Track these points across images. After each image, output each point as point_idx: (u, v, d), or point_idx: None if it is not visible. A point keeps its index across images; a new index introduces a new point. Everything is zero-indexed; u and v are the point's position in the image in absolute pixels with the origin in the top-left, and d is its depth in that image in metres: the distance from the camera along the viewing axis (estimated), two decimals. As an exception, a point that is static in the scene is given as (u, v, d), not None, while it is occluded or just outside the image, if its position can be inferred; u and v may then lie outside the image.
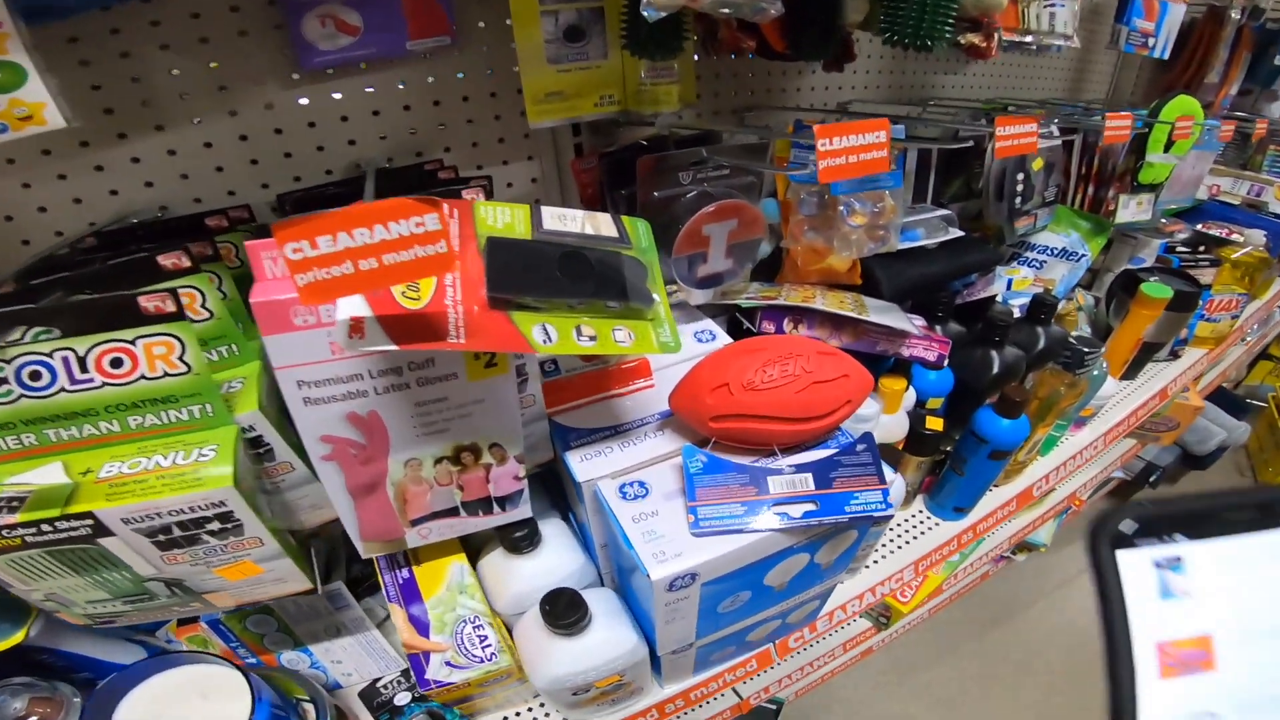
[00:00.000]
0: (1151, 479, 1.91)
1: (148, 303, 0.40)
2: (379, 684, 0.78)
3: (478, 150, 0.79)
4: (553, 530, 0.65)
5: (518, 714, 0.74)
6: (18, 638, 0.60)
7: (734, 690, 1.13)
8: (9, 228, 0.64)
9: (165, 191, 0.67)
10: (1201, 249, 1.26)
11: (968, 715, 1.58)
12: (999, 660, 1.69)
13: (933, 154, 1.02)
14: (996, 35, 0.71)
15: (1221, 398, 2.09)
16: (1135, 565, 0.26)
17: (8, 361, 0.41)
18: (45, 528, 0.40)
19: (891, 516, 0.52)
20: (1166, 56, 1.27)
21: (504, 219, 0.46)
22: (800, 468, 0.51)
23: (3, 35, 0.38)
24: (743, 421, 0.50)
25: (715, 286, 0.74)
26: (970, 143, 0.81)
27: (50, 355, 0.40)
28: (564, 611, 0.54)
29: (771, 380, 0.50)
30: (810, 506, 0.49)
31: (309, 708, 0.69)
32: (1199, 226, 1.45)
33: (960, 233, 0.96)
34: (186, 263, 0.45)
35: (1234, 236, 1.40)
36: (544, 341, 0.40)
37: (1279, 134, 1.82)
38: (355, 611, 0.73)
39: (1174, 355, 1.30)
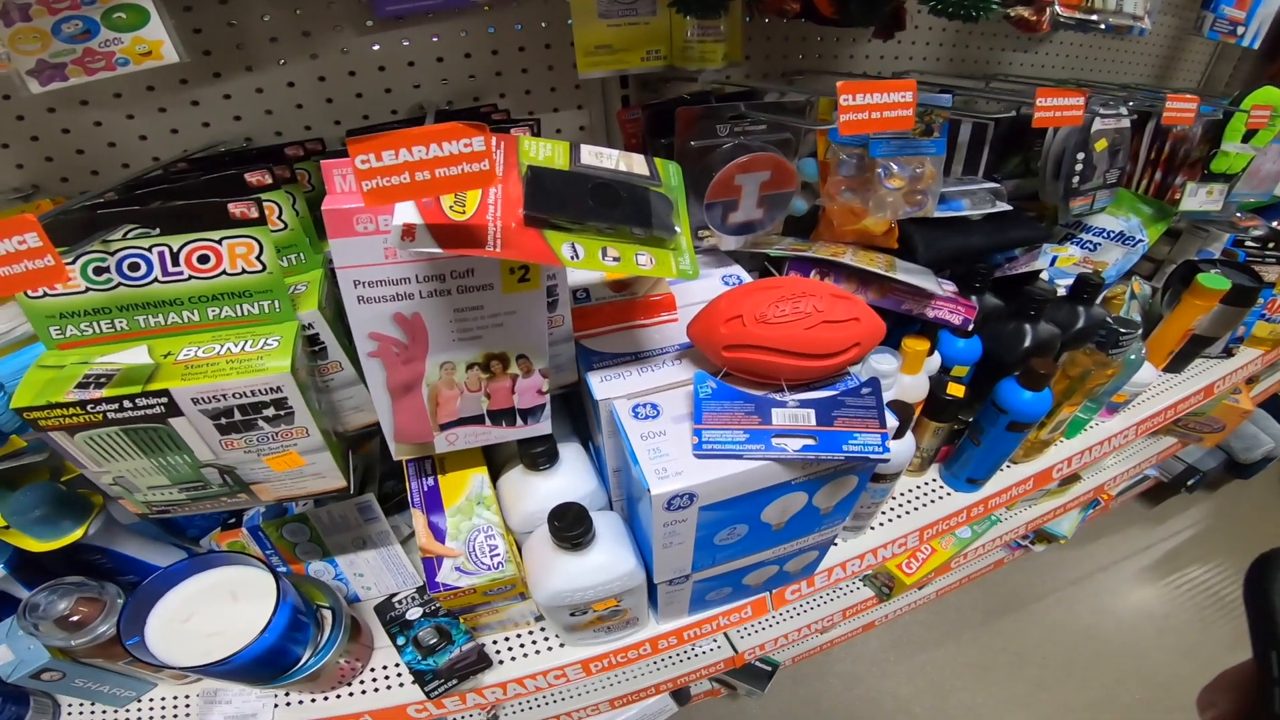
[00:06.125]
0: (1190, 483, 1.86)
1: (235, 209, 0.46)
2: (394, 599, 0.84)
3: (531, 98, 0.83)
4: (570, 454, 0.70)
5: (518, 635, 0.81)
6: (78, 534, 0.69)
7: (729, 641, 1.18)
8: (112, 152, 0.72)
9: (251, 125, 0.74)
10: (1271, 245, 1.20)
11: (954, 703, 1.60)
12: (997, 650, 1.71)
13: (988, 129, 1.01)
14: (1049, 10, 0.70)
15: (1277, 406, 1.98)
16: None
17: (110, 253, 0.47)
18: (126, 404, 0.45)
19: (887, 460, 0.53)
20: (1255, 46, 1.19)
21: (545, 152, 0.50)
22: (804, 403, 0.54)
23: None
24: (752, 353, 0.53)
25: (745, 235, 0.77)
26: (1013, 114, 0.80)
27: (149, 249, 0.47)
28: (570, 524, 0.58)
29: (783, 316, 0.53)
30: (809, 441, 0.52)
31: (327, 614, 0.75)
32: (1275, 224, 1.37)
33: (1008, 207, 0.95)
34: (269, 180, 0.52)
35: (1313, 236, 1.32)
36: (571, 257, 0.45)
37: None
38: (382, 525, 0.80)
39: (1227, 353, 1.26)
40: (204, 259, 0.48)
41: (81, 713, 0.78)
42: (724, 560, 0.65)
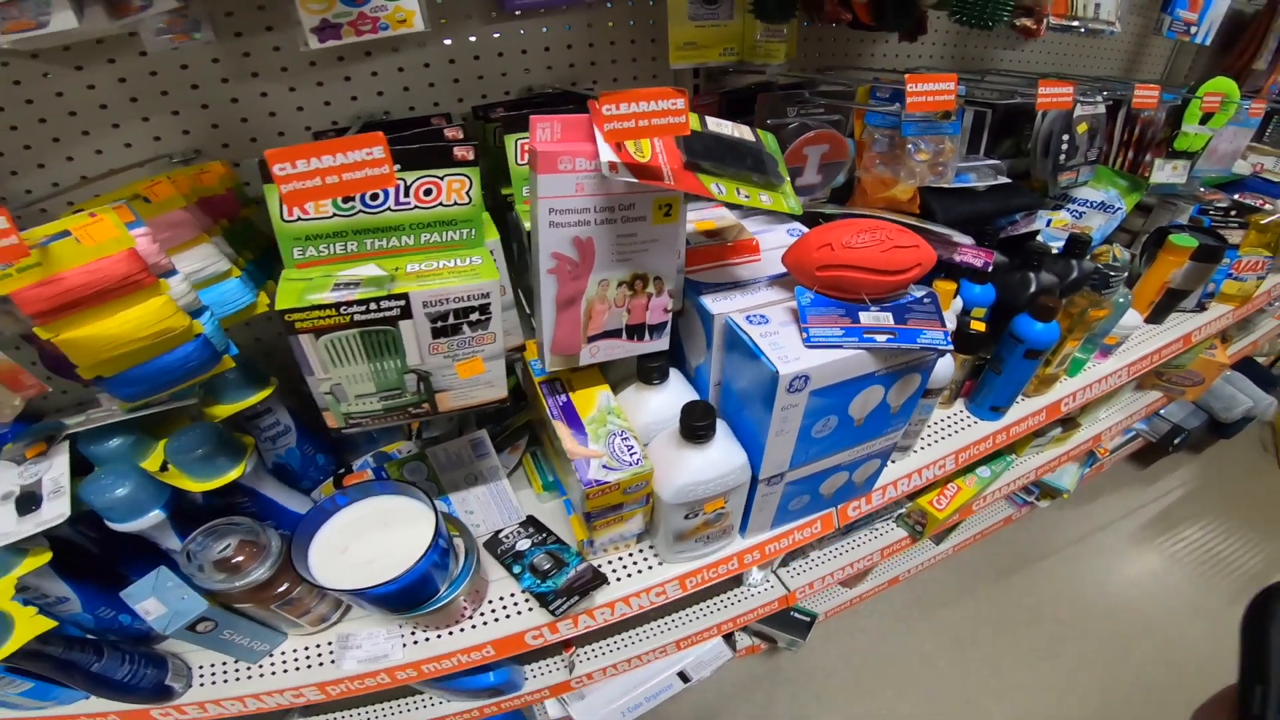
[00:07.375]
0: (1175, 441, 2.00)
1: (458, 152, 0.59)
2: (500, 534, 0.93)
3: (617, 84, 0.98)
4: (674, 375, 0.84)
5: (620, 559, 0.89)
6: (236, 473, 0.74)
7: (781, 581, 1.31)
8: (272, 121, 0.83)
9: (390, 99, 0.86)
10: (1234, 213, 1.39)
11: (976, 656, 1.68)
12: (1012, 606, 1.80)
13: (987, 116, 1.18)
14: (1045, 20, 0.87)
15: (1251, 369, 2.18)
16: None
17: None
18: (372, 305, 0.56)
19: (950, 350, 0.68)
20: (1207, 43, 1.37)
21: (683, 116, 0.64)
22: (883, 308, 0.69)
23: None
24: (841, 271, 0.68)
25: (804, 197, 0.92)
26: (1016, 98, 0.97)
27: (389, 182, 0.60)
28: (700, 415, 0.71)
29: (864, 242, 0.67)
30: (891, 335, 0.67)
31: (460, 544, 0.83)
32: (1236, 196, 1.56)
33: (1008, 180, 1.12)
34: (461, 135, 0.65)
35: (1266, 206, 1.51)
36: (719, 192, 0.59)
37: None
38: (493, 460, 0.90)
39: (1200, 308, 1.43)
40: (428, 191, 0.60)
41: (214, 672, 0.82)
42: (814, 457, 0.78)
